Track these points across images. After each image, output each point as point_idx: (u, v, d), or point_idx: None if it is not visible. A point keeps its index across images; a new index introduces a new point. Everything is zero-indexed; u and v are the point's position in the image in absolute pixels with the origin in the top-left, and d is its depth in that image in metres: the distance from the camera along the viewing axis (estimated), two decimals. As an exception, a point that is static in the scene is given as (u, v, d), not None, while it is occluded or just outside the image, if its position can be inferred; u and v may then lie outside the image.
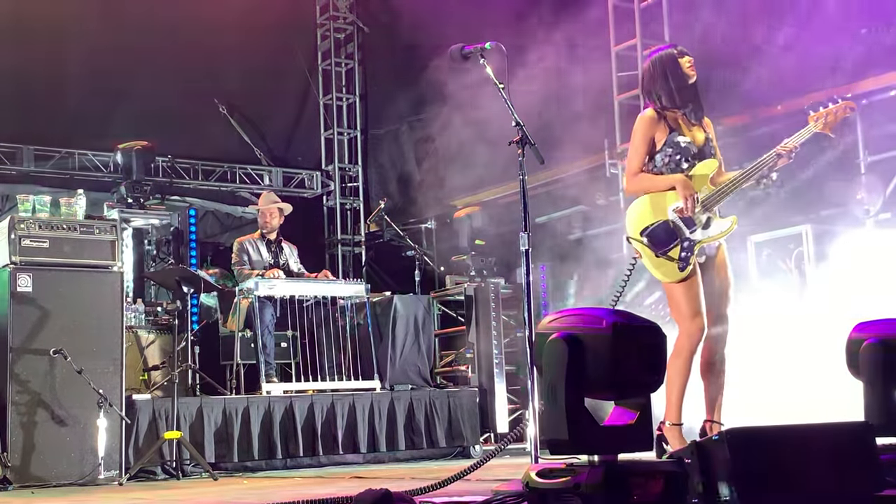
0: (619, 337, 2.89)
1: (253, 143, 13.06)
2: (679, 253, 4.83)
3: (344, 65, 13.86)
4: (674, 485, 2.97)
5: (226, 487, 6.04)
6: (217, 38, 11.80)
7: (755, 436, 3.28)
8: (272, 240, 8.94)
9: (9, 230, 6.93)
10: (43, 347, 6.76)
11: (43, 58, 10.75)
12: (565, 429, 2.89)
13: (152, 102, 11.52)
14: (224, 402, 7.75)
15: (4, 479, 6.49)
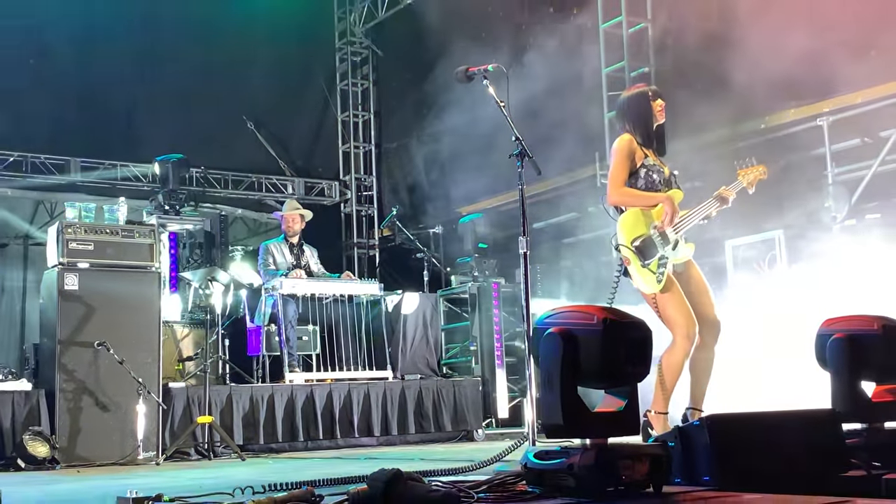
0: (609, 332, 2.89)
1: (277, 156, 13.08)
2: (657, 267, 4.81)
3: (360, 85, 13.88)
4: (658, 466, 2.96)
5: (253, 467, 6.04)
6: (245, 60, 11.84)
7: (733, 422, 3.28)
8: (295, 243, 8.94)
9: (57, 234, 6.96)
10: (88, 340, 6.78)
11: (90, 80, 10.77)
12: (560, 415, 2.88)
13: (186, 119, 11.56)
14: (251, 389, 7.76)
15: (53, 460, 6.51)
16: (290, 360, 8.15)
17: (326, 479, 3.68)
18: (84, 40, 10.55)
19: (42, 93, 10.69)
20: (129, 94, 11.08)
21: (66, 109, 10.92)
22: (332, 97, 13.80)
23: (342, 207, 13.73)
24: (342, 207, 13.73)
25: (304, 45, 13.10)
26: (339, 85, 13.82)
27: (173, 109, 11.38)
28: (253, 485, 3.67)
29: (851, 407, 3.64)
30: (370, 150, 13.89)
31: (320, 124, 13.80)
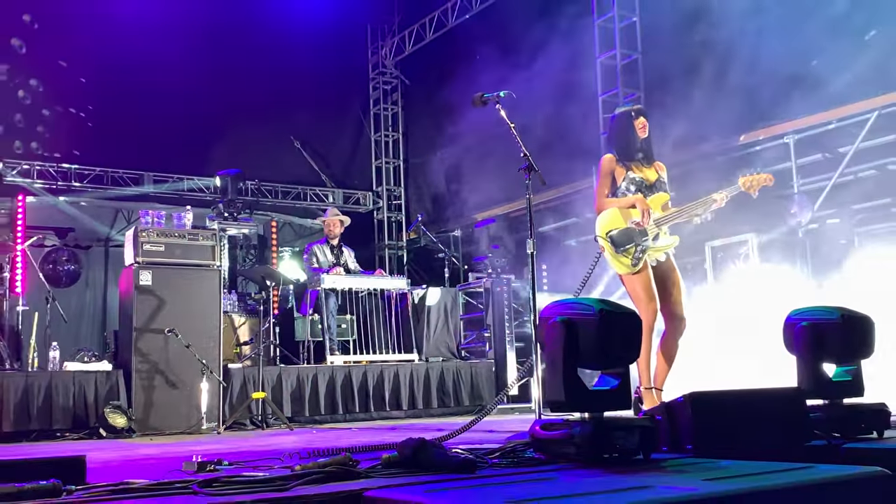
0: (604, 321, 2.88)
1: (320, 170, 13.13)
2: (634, 253, 4.95)
3: (390, 109, 13.91)
4: (648, 436, 2.95)
5: (300, 436, 6.06)
6: (293, 89, 11.87)
7: (712, 398, 3.26)
8: (335, 244, 8.95)
9: (134, 237, 7.00)
10: (159, 328, 6.81)
11: (161, 105, 10.82)
12: (562, 392, 2.87)
13: (243, 138, 11.60)
14: (298, 370, 7.78)
15: (129, 429, 6.55)
16: (330, 344, 8.18)
17: (362, 447, 3.68)
18: (156, 71, 10.61)
19: (120, 116, 10.77)
20: (194, 118, 11.13)
21: (140, 130, 10.98)
22: (367, 120, 13.84)
23: (375, 214, 13.76)
24: (375, 214, 13.76)
25: (342, 75, 13.16)
26: (373, 110, 13.86)
27: (231, 131, 11.43)
28: (299, 451, 3.68)
29: (814, 386, 3.62)
30: (399, 165, 13.91)
31: (356, 143, 13.84)
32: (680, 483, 2.33)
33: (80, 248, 11.09)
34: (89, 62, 10.50)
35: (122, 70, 10.57)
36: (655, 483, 2.33)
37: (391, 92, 13.94)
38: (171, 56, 10.66)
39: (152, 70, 10.60)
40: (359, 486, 2.44)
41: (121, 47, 10.41)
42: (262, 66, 11.43)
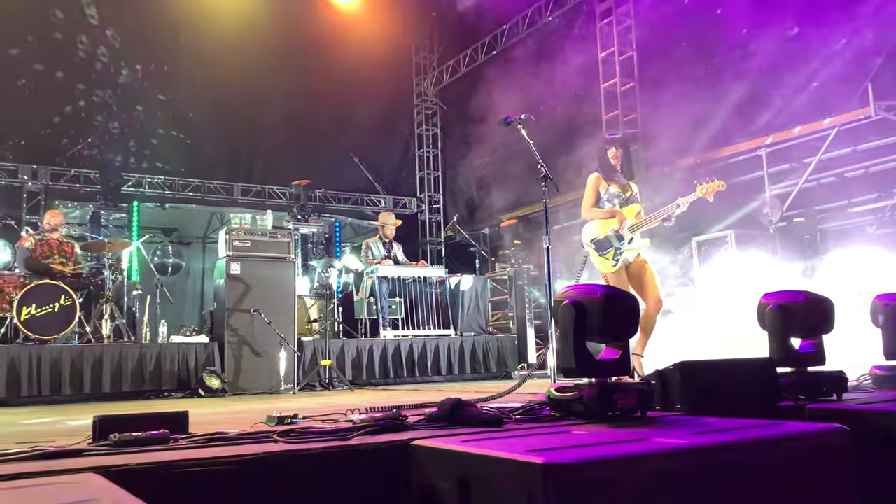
0: (608, 303, 2.85)
1: (374, 180, 13.17)
2: (613, 256, 5.18)
3: (431, 130, 13.90)
4: (643, 398, 2.92)
5: (359, 396, 6.10)
6: (352, 114, 11.91)
7: (698, 366, 3.22)
8: (387, 241, 8.99)
9: (226, 235, 7.08)
10: (246, 308, 6.89)
11: (248, 126, 10.92)
12: (573, 361, 2.85)
13: (312, 154, 11.70)
14: (357, 342, 7.82)
15: (223, 390, 6.63)
16: (383, 322, 8.20)
17: (409, 405, 3.69)
18: (243, 99, 10.69)
19: (214, 136, 10.89)
20: (274, 138, 11.23)
21: (230, 149, 11.10)
22: (412, 139, 13.85)
23: (418, 216, 13.77)
24: (418, 216, 13.77)
25: (392, 103, 13.19)
26: (417, 130, 13.87)
27: (304, 149, 11.52)
28: (359, 407, 3.70)
29: (783, 356, 3.55)
30: (438, 176, 13.91)
31: (403, 158, 13.86)
32: (671, 436, 2.31)
33: (183, 245, 11.25)
34: (190, 93, 10.62)
35: (215, 98, 10.67)
36: (651, 436, 2.31)
37: (432, 116, 13.94)
38: (255, 85, 10.75)
39: (239, 98, 10.69)
40: (407, 436, 2.44)
41: (214, 81, 10.51)
42: (329, 95, 11.48)
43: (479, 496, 2.02)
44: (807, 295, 3.62)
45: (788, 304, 3.61)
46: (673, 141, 8.14)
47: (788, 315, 3.58)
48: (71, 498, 1.55)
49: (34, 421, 4.21)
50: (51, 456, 2.17)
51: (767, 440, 2.28)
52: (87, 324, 7.03)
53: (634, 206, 5.32)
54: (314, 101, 11.44)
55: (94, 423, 2.44)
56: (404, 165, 13.86)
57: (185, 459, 2.09)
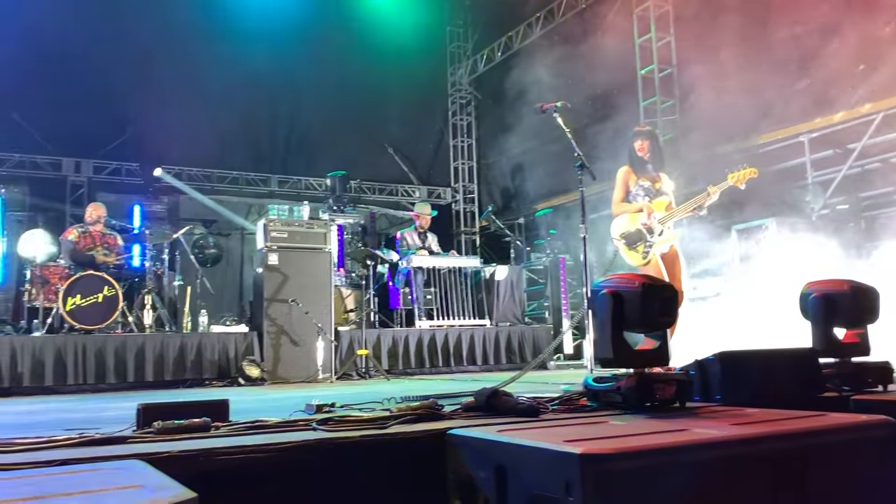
0: (646, 292, 2.82)
1: (408, 170, 13.19)
2: (643, 249, 5.19)
3: (465, 120, 13.86)
4: (683, 388, 2.89)
5: (395, 385, 6.13)
6: (387, 105, 11.94)
7: (738, 356, 3.17)
8: (422, 231, 9.00)
9: (264, 226, 7.17)
10: (284, 298, 6.96)
11: (285, 121, 11.02)
12: (611, 351, 2.83)
13: (347, 145, 11.74)
14: (393, 332, 7.86)
15: (262, 378, 6.72)
16: (418, 312, 8.22)
17: (445, 394, 3.70)
18: (279, 92, 10.79)
19: (252, 130, 11.01)
20: (310, 130, 11.32)
21: (267, 141, 11.21)
22: (446, 129, 13.82)
23: (452, 206, 13.75)
24: (452, 206, 13.75)
25: (427, 93, 13.19)
26: (451, 120, 13.83)
27: (339, 140, 11.58)
28: (395, 396, 3.73)
29: (827, 346, 3.48)
30: (472, 166, 13.87)
31: (438, 148, 13.85)
32: (711, 427, 2.28)
33: (222, 236, 11.40)
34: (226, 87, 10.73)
35: (250, 92, 10.77)
36: (691, 426, 2.28)
37: (466, 105, 13.89)
38: (291, 78, 10.82)
39: (274, 91, 10.79)
40: (443, 425, 2.45)
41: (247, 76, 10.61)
42: (363, 86, 11.51)
43: (515, 485, 2.02)
44: (851, 284, 3.53)
45: (832, 293, 3.53)
46: (712, 128, 7.99)
47: (832, 304, 3.51)
48: (117, 484, 1.59)
49: (80, 408, 4.32)
50: (97, 443, 2.23)
51: (811, 431, 2.24)
52: (130, 314, 7.18)
53: (664, 199, 5.31)
54: (349, 92, 11.47)
55: (138, 410, 2.50)
56: (438, 155, 13.85)
57: (226, 447, 2.12)
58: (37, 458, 2.00)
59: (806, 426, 2.27)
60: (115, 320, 6.94)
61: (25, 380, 6.19)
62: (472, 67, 13.41)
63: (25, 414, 3.97)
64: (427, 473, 2.32)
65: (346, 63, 11.35)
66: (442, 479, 2.31)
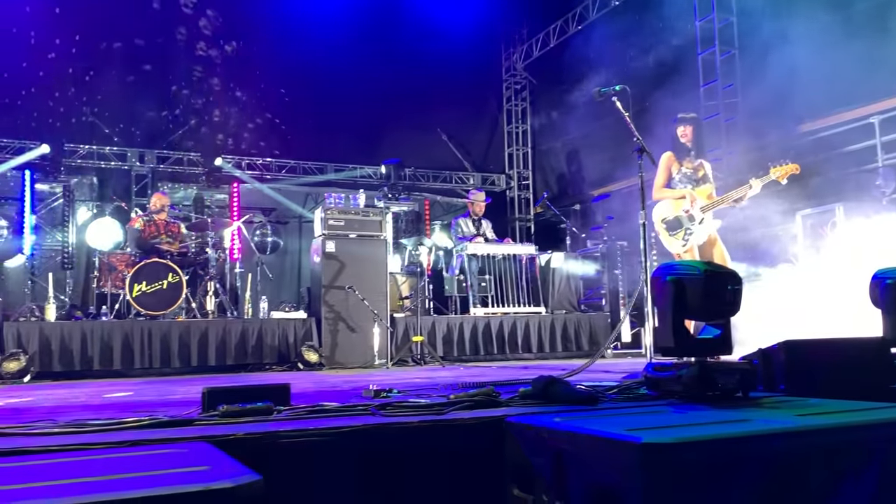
0: (709, 280, 2.76)
1: (462, 157, 13.16)
2: (683, 236, 5.28)
3: (520, 105, 13.74)
4: (746, 378, 2.82)
5: (450, 371, 6.16)
6: (441, 92, 11.90)
7: (804, 345, 3.08)
8: (476, 218, 8.99)
9: (321, 214, 7.27)
10: (341, 285, 7.06)
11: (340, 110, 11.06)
12: (672, 339, 2.78)
13: (402, 133, 11.76)
14: (447, 319, 7.89)
15: (320, 363, 6.84)
16: (473, 299, 8.23)
17: (502, 381, 3.70)
18: (332, 81, 10.85)
19: (309, 119, 11.13)
20: (364, 118, 11.35)
21: (323, 130, 11.32)
22: (500, 115, 13.73)
23: (507, 193, 13.67)
24: (507, 193, 13.67)
25: (481, 79, 13.11)
26: (505, 106, 13.73)
27: (393, 128, 11.62)
28: (452, 384, 3.74)
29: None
30: (527, 152, 13.75)
31: (492, 134, 13.77)
32: (776, 417, 2.23)
33: (280, 224, 11.60)
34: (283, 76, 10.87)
35: (306, 80, 10.88)
36: (754, 417, 2.23)
37: (521, 90, 13.76)
38: (343, 67, 10.88)
39: (329, 80, 10.85)
40: (501, 412, 2.46)
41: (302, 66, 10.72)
42: (417, 73, 11.50)
43: (574, 473, 2.01)
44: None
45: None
46: (776, 110, 7.74)
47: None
48: (185, 465, 1.64)
49: (147, 391, 4.47)
50: (165, 425, 2.30)
51: (880, 424, 2.16)
52: (193, 300, 7.38)
53: (707, 187, 5.34)
54: (403, 80, 11.48)
55: (203, 394, 2.57)
56: (493, 141, 13.77)
57: (288, 430, 2.17)
58: (108, 440, 2.08)
59: (875, 418, 2.19)
60: (179, 306, 7.15)
61: (95, 363, 6.44)
62: (526, 52, 13.28)
63: (95, 396, 4.13)
64: (484, 460, 2.33)
65: (401, 50, 11.36)
66: (499, 466, 2.32)
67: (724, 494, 1.92)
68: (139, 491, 1.38)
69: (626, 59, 10.42)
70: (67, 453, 1.90)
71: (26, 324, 6.43)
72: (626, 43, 10.19)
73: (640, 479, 1.78)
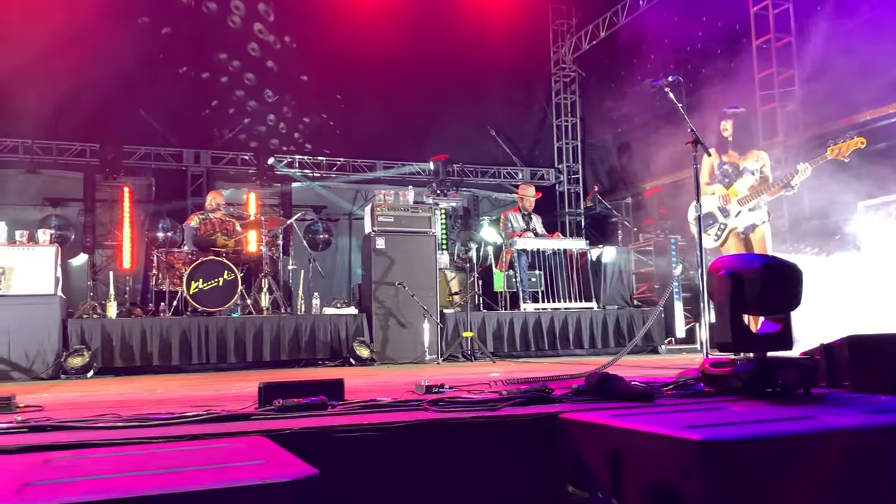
0: (767, 273, 2.68)
1: (511, 152, 13.09)
2: (715, 231, 5.37)
3: (569, 98, 13.59)
4: (808, 373, 2.74)
5: (501, 367, 6.14)
6: (489, 87, 11.87)
7: (869, 340, 2.97)
8: (526, 213, 8.94)
9: (371, 211, 7.32)
10: (391, 281, 7.11)
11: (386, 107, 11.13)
12: (729, 334, 2.72)
13: (450, 130, 11.75)
14: (497, 315, 7.87)
15: (371, 359, 6.90)
16: (523, 294, 8.20)
17: (554, 377, 3.67)
18: (381, 81, 10.92)
19: (357, 117, 11.22)
20: (412, 115, 11.39)
21: (372, 128, 11.40)
22: (549, 108, 13.62)
23: (556, 187, 13.55)
24: (556, 187, 13.55)
25: (529, 73, 13.02)
26: (554, 99, 13.60)
27: (441, 124, 11.62)
28: (504, 379, 3.73)
29: (971, 331, 3.20)
30: (576, 146, 13.60)
31: (541, 128, 13.66)
32: (841, 414, 2.15)
33: (331, 221, 11.75)
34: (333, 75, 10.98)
35: (356, 79, 10.97)
36: (818, 414, 2.16)
37: (570, 84, 13.62)
38: (391, 64, 10.95)
39: (378, 77, 10.93)
40: (554, 409, 2.43)
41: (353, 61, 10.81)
42: (465, 70, 11.48)
43: (630, 472, 1.98)
44: None
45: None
46: (835, 98, 7.49)
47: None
48: (244, 459, 1.67)
49: (205, 386, 4.57)
50: (223, 419, 2.35)
51: (953, 422, 2.07)
52: (248, 297, 7.52)
53: (747, 179, 5.31)
54: (451, 76, 11.49)
55: (260, 389, 2.61)
56: (541, 135, 13.66)
57: (342, 425, 2.19)
58: (169, 434, 2.13)
59: (948, 416, 2.10)
60: (235, 303, 7.30)
61: (154, 359, 6.62)
62: (575, 44, 13.13)
63: (156, 392, 4.24)
64: (537, 456, 2.32)
65: (449, 46, 11.36)
66: (553, 463, 2.30)
67: (786, 494, 1.86)
68: (200, 485, 1.40)
69: (678, 49, 10.21)
70: (130, 447, 1.95)
71: (89, 321, 6.64)
72: (678, 33, 9.99)
73: (699, 478, 1.75)
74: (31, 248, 6.45)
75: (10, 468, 1.64)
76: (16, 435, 2.15)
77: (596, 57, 12.60)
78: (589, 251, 8.62)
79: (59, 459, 1.75)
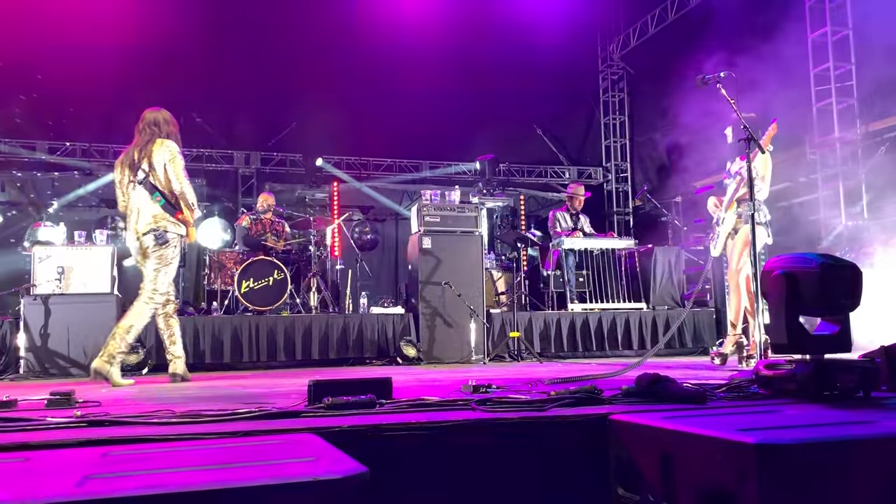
0: (825, 272, 2.61)
1: (557, 151, 13.01)
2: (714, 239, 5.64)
3: (617, 96, 13.44)
4: (868, 377, 2.65)
5: (548, 367, 6.10)
6: (535, 86, 11.79)
7: (933, 344, 2.86)
8: (574, 212, 8.87)
9: (417, 211, 7.34)
10: (437, 281, 7.11)
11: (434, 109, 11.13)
12: (785, 336, 2.65)
13: (496, 129, 11.72)
14: (544, 314, 7.82)
15: (418, 358, 6.92)
16: (570, 294, 8.13)
17: (603, 377, 3.63)
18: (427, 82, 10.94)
19: (404, 117, 11.26)
20: (458, 116, 11.38)
21: (418, 129, 11.43)
22: (597, 106, 13.48)
23: (604, 186, 13.41)
24: (604, 186, 13.41)
25: (576, 71, 12.87)
26: (602, 97, 13.47)
27: (487, 124, 11.59)
28: (552, 379, 3.70)
29: None
30: (625, 144, 13.44)
31: (588, 126, 13.54)
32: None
33: (378, 221, 11.82)
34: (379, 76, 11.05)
35: (402, 79, 11.02)
36: (879, 419, 2.09)
37: (618, 81, 13.46)
38: (437, 65, 10.96)
39: (424, 77, 10.95)
40: (604, 410, 2.41)
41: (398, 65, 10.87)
42: (511, 69, 11.43)
43: (683, 475, 1.94)
44: None
45: None
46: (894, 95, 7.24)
47: None
48: (296, 455, 1.69)
49: (256, 383, 4.65)
50: (274, 416, 2.39)
51: None
52: (297, 296, 7.63)
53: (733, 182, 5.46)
54: (497, 75, 11.45)
55: (310, 387, 2.65)
56: (589, 134, 13.54)
57: (391, 423, 2.20)
58: (222, 430, 2.17)
59: None
60: (284, 302, 7.40)
61: (207, 357, 6.76)
62: (623, 41, 12.97)
63: (208, 388, 4.33)
64: (587, 458, 2.29)
65: (495, 45, 11.33)
66: (603, 464, 2.27)
67: (843, 501, 1.81)
68: (252, 481, 1.43)
69: (729, 44, 9.99)
70: (184, 442, 2.00)
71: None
72: (729, 28, 9.77)
73: (753, 483, 1.71)
74: (88, 249, 6.66)
75: (70, 461, 1.70)
76: (75, 430, 2.22)
77: (645, 53, 12.42)
78: (637, 251, 8.50)
79: (117, 454, 1.80)
